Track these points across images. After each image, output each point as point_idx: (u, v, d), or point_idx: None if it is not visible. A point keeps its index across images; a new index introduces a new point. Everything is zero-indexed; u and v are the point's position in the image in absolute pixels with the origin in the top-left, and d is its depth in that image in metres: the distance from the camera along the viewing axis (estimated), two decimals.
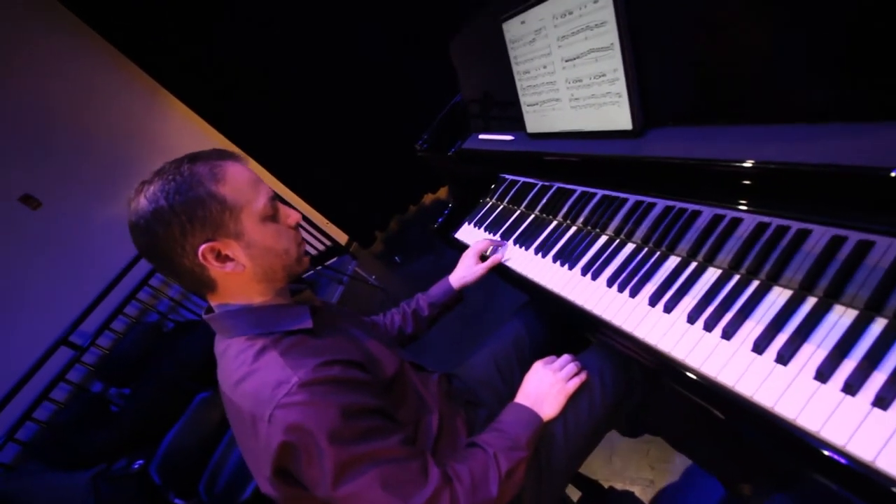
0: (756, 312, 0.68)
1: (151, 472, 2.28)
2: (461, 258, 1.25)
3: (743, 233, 0.74)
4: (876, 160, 0.46)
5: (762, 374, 0.61)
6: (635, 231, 0.93)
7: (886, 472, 0.46)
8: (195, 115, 3.41)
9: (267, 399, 0.64)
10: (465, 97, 1.31)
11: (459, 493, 0.71)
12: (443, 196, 4.01)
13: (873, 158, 0.46)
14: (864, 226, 0.55)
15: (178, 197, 0.67)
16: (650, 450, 1.52)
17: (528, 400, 0.90)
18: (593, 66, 0.78)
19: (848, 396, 0.53)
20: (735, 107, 0.66)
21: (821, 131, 0.55)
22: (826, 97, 0.57)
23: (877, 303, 0.57)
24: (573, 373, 0.93)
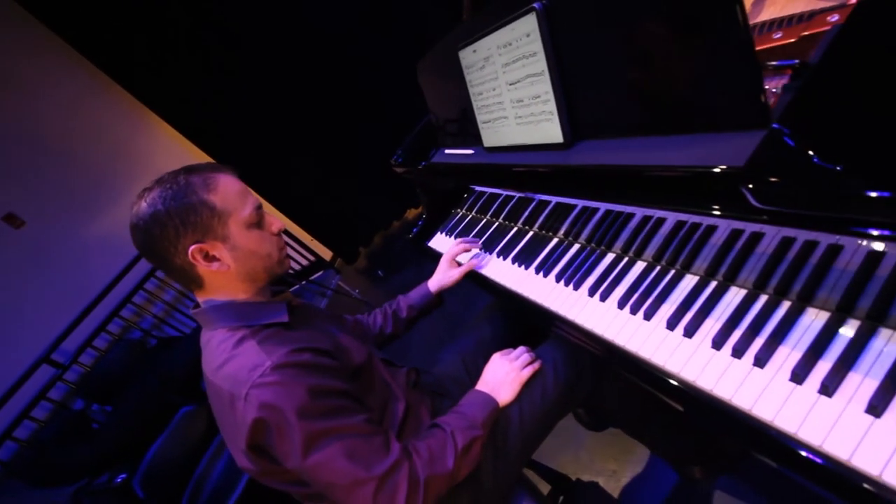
0: (672, 296, 0.79)
1: (134, 485, 2.28)
2: (438, 264, 1.35)
3: (665, 231, 0.86)
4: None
5: (669, 346, 0.72)
6: (581, 233, 1.05)
7: (832, 455, 0.51)
8: (180, 136, 3.47)
9: (244, 380, 0.73)
10: (432, 116, 1.43)
11: (418, 464, 0.79)
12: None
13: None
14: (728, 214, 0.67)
15: (173, 203, 0.77)
16: (614, 442, 1.61)
17: (487, 387, 1.00)
18: (531, 89, 0.91)
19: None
20: (641, 121, 0.78)
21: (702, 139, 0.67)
22: (704, 112, 0.70)
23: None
24: (527, 362, 1.03)
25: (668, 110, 0.72)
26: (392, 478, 0.75)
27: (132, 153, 3.53)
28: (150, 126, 3.52)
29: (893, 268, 0.53)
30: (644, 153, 0.72)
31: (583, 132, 0.90)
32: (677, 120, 0.71)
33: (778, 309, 0.66)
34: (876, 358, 0.54)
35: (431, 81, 1.33)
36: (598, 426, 1.66)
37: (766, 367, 0.62)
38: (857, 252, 0.57)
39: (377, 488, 0.74)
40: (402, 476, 0.76)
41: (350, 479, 0.73)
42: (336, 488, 0.75)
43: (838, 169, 0.47)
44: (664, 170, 0.67)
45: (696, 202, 0.67)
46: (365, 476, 0.74)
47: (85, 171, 3.30)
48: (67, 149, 3.21)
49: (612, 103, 0.81)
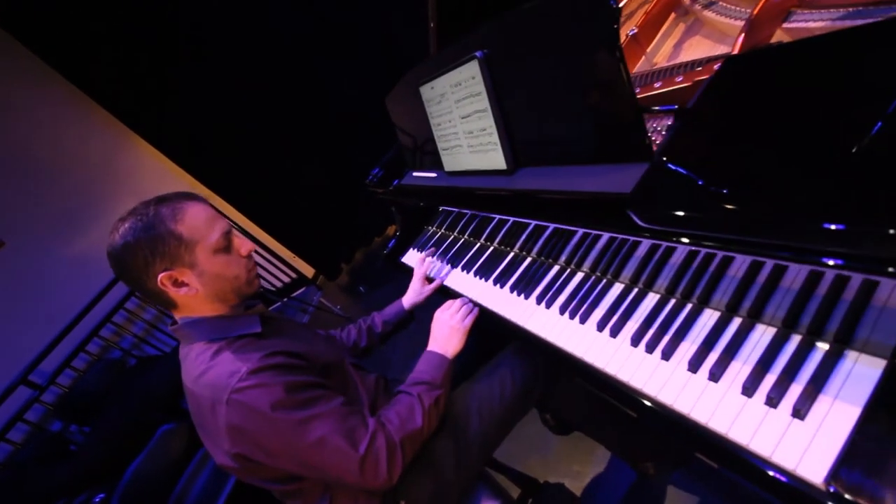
0: (602, 302, 0.91)
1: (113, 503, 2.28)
2: (411, 283, 1.45)
3: (600, 245, 0.98)
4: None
5: (599, 344, 0.83)
6: (532, 248, 1.16)
7: (757, 453, 0.58)
8: (162, 156, 3.52)
9: (223, 386, 0.81)
10: (400, 142, 1.55)
11: (391, 430, 0.89)
12: None
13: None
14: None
15: (143, 234, 0.84)
16: (579, 445, 1.71)
17: (436, 345, 1.10)
18: (478, 123, 1.03)
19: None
20: (565, 153, 0.92)
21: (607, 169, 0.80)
22: (608, 148, 0.83)
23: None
24: (466, 313, 1.14)
25: (583, 145, 0.85)
26: (373, 449, 0.85)
27: (113, 172, 3.54)
28: (131, 145, 3.53)
29: (746, 271, 0.65)
30: (567, 180, 0.84)
31: (524, 160, 1.02)
32: (590, 153, 0.84)
33: (682, 311, 0.78)
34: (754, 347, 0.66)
35: (398, 112, 1.45)
36: (563, 430, 1.76)
37: (671, 359, 0.73)
38: (743, 264, 0.69)
39: (362, 460, 0.83)
40: (381, 444, 0.86)
41: (340, 455, 0.83)
42: (328, 467, 0.84)
43: (704, 193, 0.59)
44: (574, 195, 0.80)
45: (605, 222, 0.79)
46: (352, 452, 0.83)
47: (65, 190, 3.30)
48: (47, 168, 3.22)
49: (545, 137, 0.93)
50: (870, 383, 0.54)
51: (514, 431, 1.18)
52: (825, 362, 0.59)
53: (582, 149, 0.86)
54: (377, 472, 0.85)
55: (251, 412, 0.80)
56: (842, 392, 0.56)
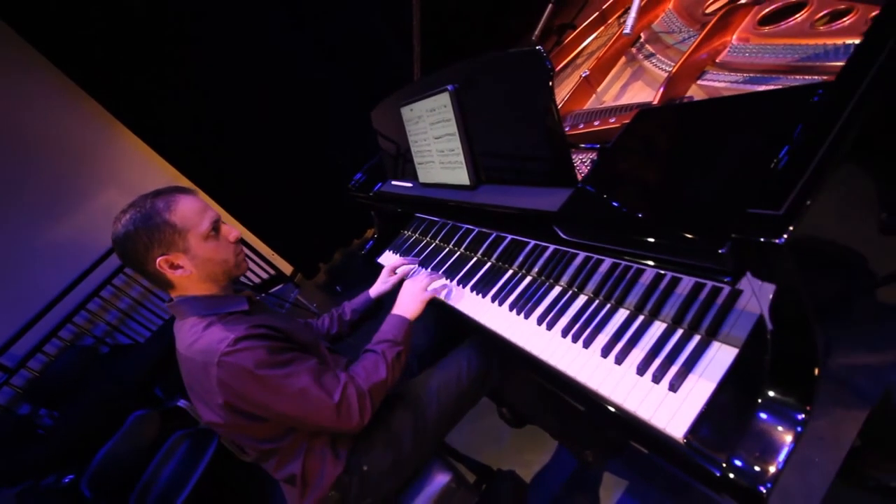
0: (544, 301, 1.08)
1: (82, 486, 2.32)
2: (380, 274, 1.60)
3: (547, 254, 1.15)
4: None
5: (540, 337, 1.00)
6: (492, 254, 1.33)
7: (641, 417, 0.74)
8: (147, 147, 3.54)
9: (214, 350, 0.94)
10: (381, 153, 1.70)
11: (359, 381, 1.05)
12: None
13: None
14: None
15: (141, 224, 0.98)
16: (531, 437, 1.87)
17: (399, 308, 1.26)
18: (448, 143, 1.19)
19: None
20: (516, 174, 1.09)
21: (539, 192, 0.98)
22: (546, 173, 1.00)
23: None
24: (427, 284, 1.30)
25: (527, 170, 1.03)
26: (346, 396, 1.00)
27: (96, 160, 3.57)
28: (116, 135, 3.56)
29: (651, 280, 0.82)
30: (515, 198, 1.02)
31: (485, 177, 1.19)
32: (533, 176, 1.02)
33: (602, 310, 0.95)
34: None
35: (381, 125, 1.61)
36: (518, 424, 1.92)
37: (590, 347, 0.90)
38: (650, 274, 0.87)
39: (338, 407, 0.99)
40: (352, 392, 1.02)
41: (319, 403, 0.98)
42: (308, 414, 0.98)
43: (614, 213, 0.76)
44: (515, 210, 0.99)
45: (544, 234, 0.96)
46: (328, 400, 0.98)
47: (45, 176, 3.31)
48: (28, 152, 3.24)
49: (500, 161, 1.11)
50: (725, 365, 0.72)
51: (473, 424, 1.33)
52: (697, 349, 0.76)
53: (527, 172, 1.03)
54: (350, 415, 1.00)
55: (239, 371, 0.93)
56: (706, 371, 0.73)
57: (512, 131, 1.03)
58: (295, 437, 1.06)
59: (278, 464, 1.08)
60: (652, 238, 0.68)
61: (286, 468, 1.08)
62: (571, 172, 0.89)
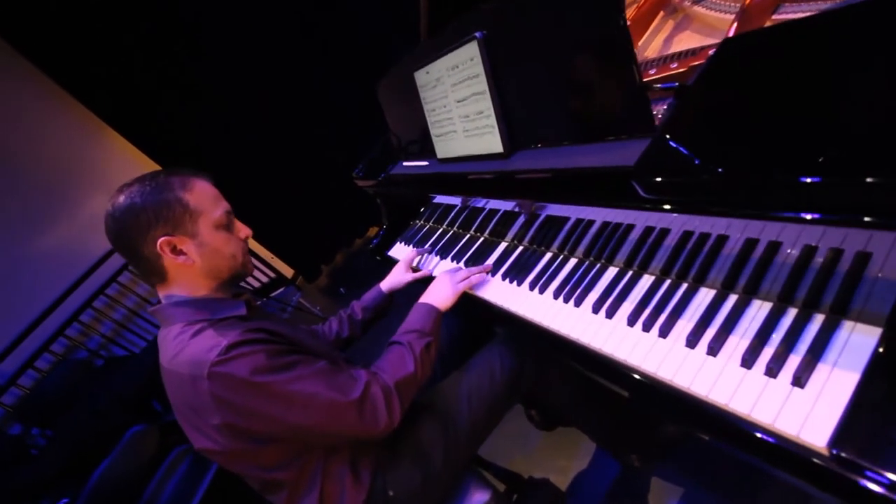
0: (597, 285, 0.91)
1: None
2: (395, 266, 1.43)
3: (593, 231, 0.98)
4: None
5: (596, 328, 0.83)
6: (524, 237, 1.16)
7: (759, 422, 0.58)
8: (136, 150, 3.41)
9: (203, 360, 0.77)
10: (391, 131, 1.54)
11: (384, 377, 0.91)
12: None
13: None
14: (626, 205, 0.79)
15: (150, 197, 0.83)
16: (563, 441, 1.71)
17: (429, 297, 1.12)
18: (475, 106, 1.03)
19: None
20: (565, 133, 0.92)
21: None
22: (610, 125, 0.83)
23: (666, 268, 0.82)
24: (464, 277, 1.15)
25: (584, 123, 0.85)
26: (368, 397, 0.86)
27: (84, 165, 3.40)
28: (104, 138, 3.40)
29: (740, 249, 0.66)
30: (566, 158, 0.85)
31: (520, 142, 1.02)
32: (591, 131, 0.85)
33: (678, 290, 0.78)
34: (750, 322, 0.67)
35: (390, 100, 1.44)
36: (548, 426, 1.75)
37: (668, 336, 0.73)
38: (738, 243, 0.70)
39: (360, 408, 0.84)
40: (376, 390, 0.87)
41: (334, 409, 0.82)
42: (326, 424, 0.83)
43: (704, 164, 0.59)
44: (578, 170, 0.80)
45: (605, 197, 0.79)
46: (344, 401, 0.83)
47: (33, 187, 3.15)
48: (13, 164, 3.07)
49: (542, 118, 0.93)
50: (867, 350, 0.56)
51: (498, 427, 1.18)
52: (822, 333, 0.60)
53: (582, 127, 0.86)
54: (376, 416, 0.86)
55: (235, 382, 0.77)
56: (840, 360, 0.57)
57: (561, 77, 0.86)
58: (308, 460, 0.90)
59: (290, 498, 0.91)
60: (807, 184, 0.51)
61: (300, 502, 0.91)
62: (648, 118, 0.72)
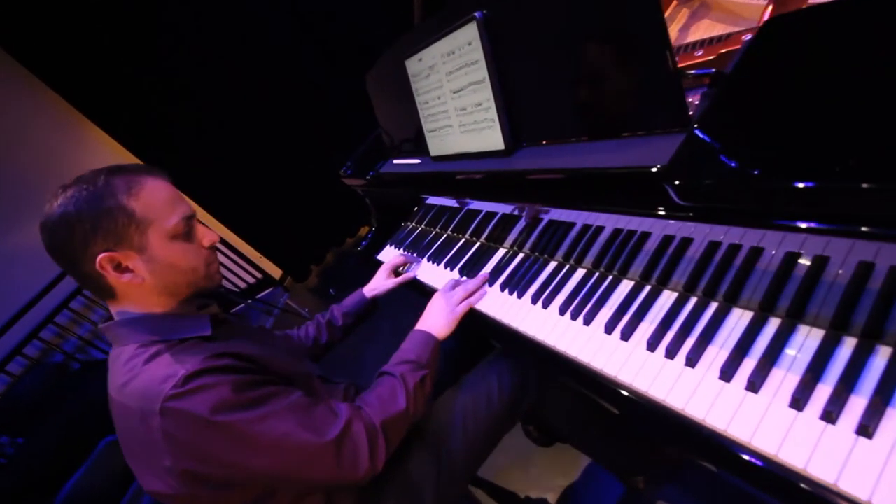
0: (609, 301, 0.81)
1: None
2: (377, 271, 1.32)
3: (603, 238, 0.88)
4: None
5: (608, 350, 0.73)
6: (525, 243, 1.06)
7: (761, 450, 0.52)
8: (117, 145, 3.27)
9: (155, 393, 0.66)
10: (381, 126, 1.42)
11: (370, 413, 0.79)
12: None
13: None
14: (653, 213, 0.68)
15: (87, 205, 0.71)
16: (562, 458, 1.61)
17: (425, 324, 1.00)
18: (473, 97, 0.92)
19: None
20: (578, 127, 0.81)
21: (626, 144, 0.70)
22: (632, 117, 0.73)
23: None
24: (462, 298, 1.04)
25: (601, 116, 0.75)
26: (349, 436, 0.74)
27: (62, 162, 3.27)
28: (84, 135, 3.29)
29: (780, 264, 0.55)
30: (580, 157, 0.74)
31: (524, 138, 0.92)
32: (609, 125, 0.74)
33: (706, 310, 0.68)
34: (798, 352, 0.57)
35: (379, 92, 1.33)
36: (546, 442, 1.66)
37: (696, 366, 0.63)
38: (776, 254, 0.60)
39: (337, 451, 0.72)
40: (359, 430, 0.76)
41: (306, 453, 0.71)
42: (297, 469, 0.71)
43: (750, 165, 0.49)
44: (596, 171, 0.69)
45: (627, 202, 0.69)
46: (319, 442, 0.71)
47: (6, 179, 3.03)
48: None
49: (551, 110, 0.83)
50: None
51: None
52: (890, 370, 0.50)
53: (598, 121, 0.75)
54: (357, 460, 0.74)
55: (193, 420, 0.66)
56: None
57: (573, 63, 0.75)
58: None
59: None
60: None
61: None
62: (682, 109, 0.61)
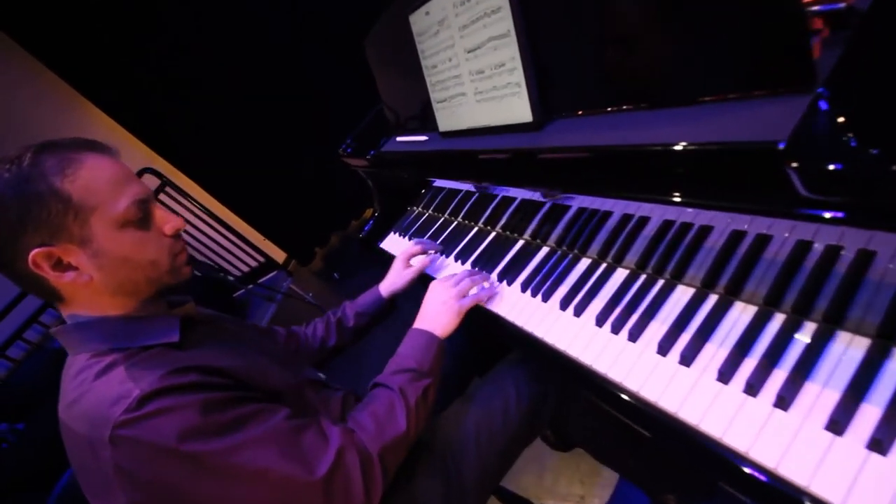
0: (660, 313, 0.65)
1: None
2: (391, 265, 1.17)
3: (649, 232, 0.72)
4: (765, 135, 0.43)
5: (660, 374, 0.58)
6: (550, 234, 0.90)
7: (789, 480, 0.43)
8: (117, 126, 3.15)
9: (104, 418, 0.54)
10: (383, 99, 1.26)
11: (365, 440, 0.67)
12: None
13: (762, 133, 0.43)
14: (759, 208, 0.52)
15: (10, 191, 0.57)
16: (580, 464, 1.49)
17: (425, 322, 0.86)
18: (493, 56, 0.74)
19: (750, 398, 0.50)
20: (635, 89, 0.63)
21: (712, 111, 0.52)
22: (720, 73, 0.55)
23: (774, 298, 0.55)
24: (467, 288, 0.89)
25: (670, 72, 0.56)
26: (340, 469, 0.63)
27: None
28: (82, 114, 3.16)
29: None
30: (639, 130, 0.56)
31: (558, 107, 0.74)
32: (684, 85, 0.56)
33: (799, 331, 0.53)
34: None
35: (380, 58, 1.16)
36: (564, 447, 1.53)
37: (789, 410, 0.48)
38: None
39: (327, 489, 0.61)
40: (352, 461, 0.64)
41: (290, 491, 0.60)
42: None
43: None
44: (683, 148, 0.50)
45: (721, 194, 0.51)
46: (307, 479, 0.60)
47: None
48: None
49: (597, 68, 0.64)
50: None
51: None
52: None
53: (665, 82, 0.57)
54: (350, 497, 0.63)
55: (149, 451, 0.54)
56: None
57: (630, 4, 0.58)
58: None
59: None
60: None
61: None
62: (803, 60, 0.42)
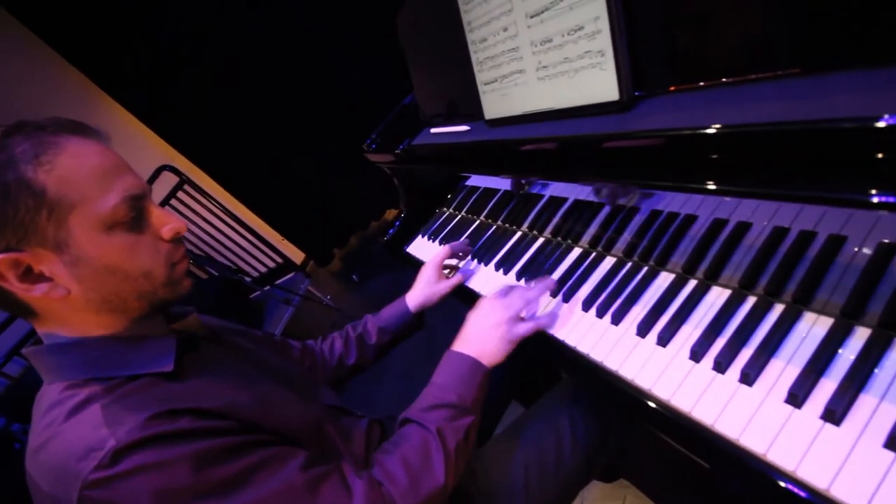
0: (754, 337, 0.50)
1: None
2: (419, 273, 1.01)
3: (756, 241, 0.57)
4: None
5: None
6: (615, 242, 0.76)
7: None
8: (136, 121, 3.10)
9: (71, 475, 0.43)
10: (415, 85, 1.13)
11: (395, 494, 0.56)
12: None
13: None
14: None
15: None
16: (626, 496, 1.33)
17: (468, 345, 0.71)
18: (567, 18, 0.59)
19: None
20: (764, 53, 0.49)
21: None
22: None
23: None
24: (521, 309, 0.73)
25: (811, 27, 0.41)
26: None
27: None
28: (100, 110, 3.12)
29: None
30: (769, 106, 0.41)
31: (653, 82, 0.58)
32: (828, 45, 0.42)
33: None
34: None
35: (414, 36, 1.02)
36: (607, 476, 1.37)
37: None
38: None
39: None
40: None
41: None
42: None
43: None
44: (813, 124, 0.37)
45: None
46: None
47: None
48: None
49: (711, 30, 0.50)
50: None
51: None
52: None
53: (811, 37, 0.42)
54: None
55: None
56: None
57: None
58: None
59: None
60: None
61: None
62: None
